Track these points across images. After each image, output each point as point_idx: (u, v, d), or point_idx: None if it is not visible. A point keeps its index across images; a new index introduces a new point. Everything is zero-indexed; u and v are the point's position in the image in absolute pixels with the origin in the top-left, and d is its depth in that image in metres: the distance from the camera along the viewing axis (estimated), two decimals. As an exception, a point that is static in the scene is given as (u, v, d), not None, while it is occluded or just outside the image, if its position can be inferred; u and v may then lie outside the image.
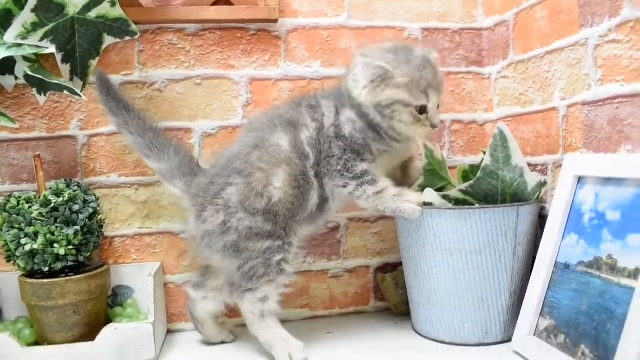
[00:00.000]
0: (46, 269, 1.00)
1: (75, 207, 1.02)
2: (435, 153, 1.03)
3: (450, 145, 1.30)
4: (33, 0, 0.96)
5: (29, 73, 1.02)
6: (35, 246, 0.98)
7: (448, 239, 1.00)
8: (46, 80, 1.01)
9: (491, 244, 0.99)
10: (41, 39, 1.00)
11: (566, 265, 0.92)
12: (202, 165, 1.10)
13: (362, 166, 1.01)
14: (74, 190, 1.03)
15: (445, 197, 1.01)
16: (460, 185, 1.04)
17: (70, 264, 1.02)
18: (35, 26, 0.99)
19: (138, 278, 1.15)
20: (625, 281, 0.78)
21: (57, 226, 1.00)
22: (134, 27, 1.06)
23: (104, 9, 1.03)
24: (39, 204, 1.01)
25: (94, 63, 1.07)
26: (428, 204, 1.01)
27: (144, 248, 1.18)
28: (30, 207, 1.01)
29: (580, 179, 0.94)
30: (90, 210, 1.04)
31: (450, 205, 1.01)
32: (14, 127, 1.11)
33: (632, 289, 0.76)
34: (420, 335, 1.10)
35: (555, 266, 0.94)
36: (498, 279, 1.00)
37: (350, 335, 1.13)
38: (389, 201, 1.01)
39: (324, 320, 1.23)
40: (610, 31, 0.90)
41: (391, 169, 1.09)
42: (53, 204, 1.00)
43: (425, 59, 1.00)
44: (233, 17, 1.16)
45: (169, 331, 1.19)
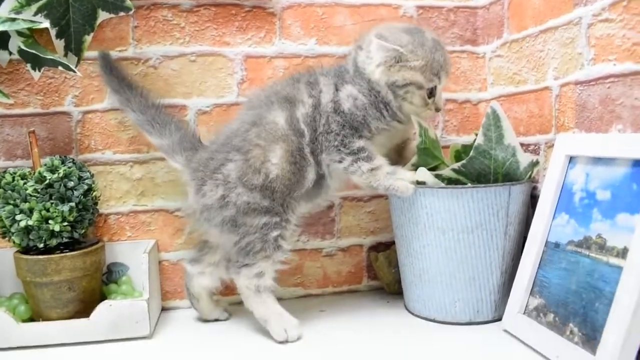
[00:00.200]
0: (41, 245, 1.01)
1: (70, 184, 1.02)
2: (429, 132, 1.04)
3: (444, 124, 1.30)
4: (26, -25, 0.96)
5: (23, 48, 1.01)
6: (30, 222, 0.99)
7: (440, 217, 1.00)
8: (40, 55, 1.00)
9: (483, 223, 0.99)
10: (35, 13, 0.99)
11: (556, 245, 0.92)
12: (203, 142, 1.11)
13: (359, 143, 1.01)
14: (69, 167, 1.04)
15: (438, 176, 1.02)
16: (453, 164, 1.04)
17: (65, 240, 1.03)
18: (29, 0, 0.98)
19: (133, 255, 1.16)
20: (613, 260, 0.79)
21: (52, 202, 1.00)
22: (128, 3, 1.05)
23: (98, -16, 1.03)
24: (33, 180, 1.01)
25: (88, 39, 1.07)
26: (421, 183, 1.02)
27: (139, 225, 1.19)
28: (25, 184, 1.01)
29: (571, 159, 0.94)
30: (85, 187, 1.04)
31: (442, 184, 1.02)
32: (8, 103, 1.11)
33: (620, 268, 0.77)
34: (412, 313, 1.11)
35: (545, 245, 0.95)
36: (489, 258, 1.01)
37: (343, 313, 1.14)
38: (382, 178, 1.02)
39: (317, 299, 1.24)
40: (603, 10, 0.90)
41: (388, 149, 1.10)
42: (48, 181, 1.01)
43: (436, 42, 1.03)
44: (228, -6, 1.16)
45: (164, 309, 1.20)
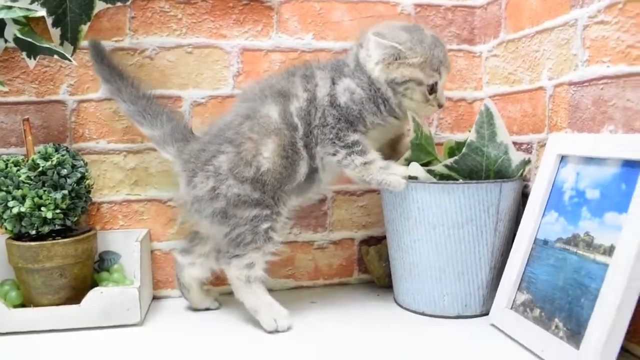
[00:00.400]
0: (33, 232, 1.01)
1: (64, 172, 1.03)
2: (423, 128, 1.05)
3: (439, 122, 1.31)
4: (24, -38, 0.96)
5: (18, 36, 1.02)
6: (22, 209, 0.99)
7: (431, 212, 1.01)
8: (36, 43, 1.01)
9: (473, 218, 1.00)
10: (31, 1, 1.00)
11: (545, 242, 0.93)
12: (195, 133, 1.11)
13: (354, 136, 1.02)
14: (63, 155, 1.04)
15: (430, 172, 1.02)
16: (445, 160, 1.05)
17: (57, 227, 1.03)
18: (25, -12, 0.98)
19: (125, 244, 1.16)
20: (600, 257, 0.80)
21: (45, 190, 1.01)
22: (125, -7, 1.06)
23: (96, -27, 1.03)
24: (27, 167, 1.02)
25: (84, 28, 1.07)
26: (413, 178, 1.02)
27: (132, 215, 1.19)
28: (18, 170, 1.01)
29: (562, 158, 0.95)
30: (79, 175, 1.04)
31: (434, 180, 1.02)
32: (3, 91, 1.11)
33: (607, 265, 0.78)
34: (402, 307, 1.12)
35: (534, 242, 0.96)
36: (479, 253, 1.02)
37: (334, 305, 1.14)
38: (375, 173, 1.02)
39: (308, 291, 1.25)
40: (599, 12, 0.91)
41: (382, 143, 1.10)
42: (41, 168, 1.01)
43: (435, 38, 1.04)
44: (225, -14, 1.16)
45: (155, 297, 1.21)
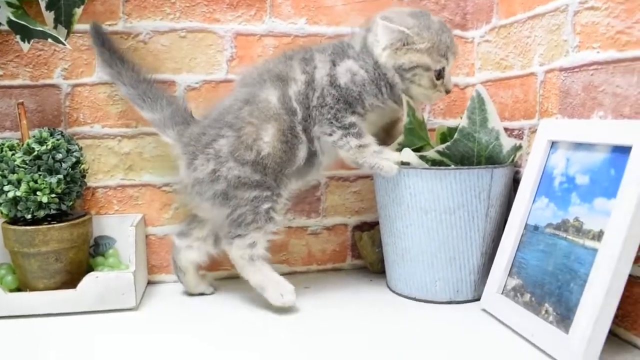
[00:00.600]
0: (29, 216, 1.02)
1: (59, 156, 1.03)
2: (416, 113, 1.05)
3: (431, 107, 1.31)
4: (17, -54, 0.96)
5: (12, 19, 1.01)
6: (18, 193, 0.99)
7: (423, 198, 1.02)
8: (30, 27, 1.00)
9: (465, 204, 1.01)
10: (25, -15, 0.99)
11: (535, 227, 0.94)
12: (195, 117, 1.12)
13: (351, 118, 1.03)
14: (57, 139, 1.04)
15: (422, 158, 1.03)
16: (437, 146, 1.06)
17: (52, 212, 1.03)
18: (19, -28, 0.98)
19: (120, 229, 1.17)
20: (589, 243, 0.81)
21: (40, 174, 1.01)
22: (119, -22, 1.06)
23: (89, -43, 1.02)
24: (22, 151, 1.02)
25: (78, 11, 1.07)
26: (405, 164, 1.03)
27: (126, 199, 1.20)
28: (13, 155, 1.02)
29: (553, 144, 0.96)
30: (73, 160, 1.05)
31: (426, 166, 1.03)
32: (-3, 75, 1.11)
33: (596, 250, 0.79)
34: (394, 292, 1.13)
35: (525, 228, 0.97)
36: (470, 239, 1.03)
37: (327, 290, 1.16)
38: (368, 156, 1.03)
39: (302, 276, 1.26)
40: (590, -2, 0.92)
41: (380, 127, 1.11)
42: (36, 152, 1.01)
43: (442, 24, 1.05)
44: (219, -29, 1.16)
45: (150, 282, 1.21)
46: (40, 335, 0.94)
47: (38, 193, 1.00)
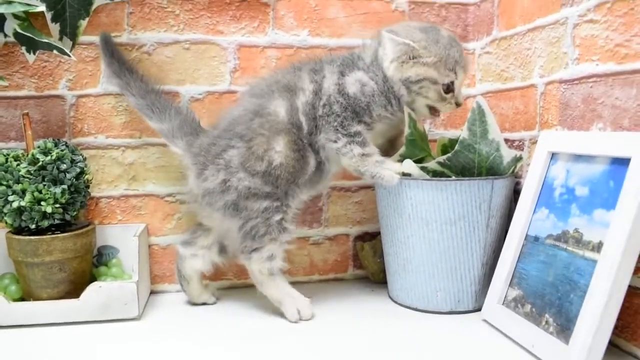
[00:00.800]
0: (33, 226, 1.02)
1: (63, 166, 1.04)
2: (418, 124, 1.06)
3: (432, 119, 1.32)
4: (23, -41, 0.97)
5: (18, 31, 1.03)
6: (22, 203, 1.00)
7: (424, 209, 1.03)
8: (35, 38, 1.02)
9: (466, 215, 1.02)
10: (31, -3, 1.00)
11: (536, 238, 0.95)
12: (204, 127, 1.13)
13: (357, 127, 1.04)
14: (62, 150, 1.05)
15: (423, 169, 1.04)
16: (438, 157, 1.07)
17: (56, 222, 1.04)
18: (25, -16, 0.99)
19: (123, 238, 1.17)
20: (589, 254, 0.82)
21: (45, 184, 1.02)
22: (123, -10, 1.07)
23: (94, -30, 1.04)
24: (27, 162, 1.03)
25: (83, 23, 1.08)
26: (407, 175, 1.04)
27: (130, 209, 1.21)
28: (18, 165, 1.02)
29: (553, 155, 0.97)
30: (78, 170, 1.05)
31: (427, 177, 1.04)
32: (3, 85, 1.12)
33: (595, 262, 0.79)
34: (395, 302, 1.14)
35: (525, 239, 0.97)
36: (471, 249, 1.04)
37: (329, 301, 1.16)
38: (370, 165, 1.04)
39: (304, 286, 1.25)
40: (588, 11, 0.92)
41: (387, 138, 1.12)
42: (41, 163, 1.02)
43: (451, 38, 1.05)
44: (222, -17, 1.17)
45: (153, 292, 1.22)
46: (43, 344, 0.94)
47: (42, 203, 1.01)
